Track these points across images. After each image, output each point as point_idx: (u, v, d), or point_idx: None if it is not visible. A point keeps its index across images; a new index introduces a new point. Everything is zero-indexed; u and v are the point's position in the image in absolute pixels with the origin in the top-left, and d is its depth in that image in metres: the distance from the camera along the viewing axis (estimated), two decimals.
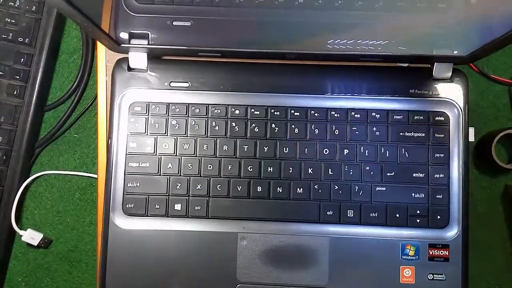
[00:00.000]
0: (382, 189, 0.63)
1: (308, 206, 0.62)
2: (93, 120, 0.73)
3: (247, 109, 0.63)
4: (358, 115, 0.63)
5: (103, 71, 0.65)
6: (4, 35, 0.70)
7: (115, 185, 0.63)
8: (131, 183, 0.63)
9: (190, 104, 0.63)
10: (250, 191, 0.63)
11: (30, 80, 0.71)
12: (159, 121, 0.63)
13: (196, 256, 0.62)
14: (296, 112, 0.63)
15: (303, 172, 0.63)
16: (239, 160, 0.63)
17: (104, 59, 0.65)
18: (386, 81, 0.64)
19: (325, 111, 0.63)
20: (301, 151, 0.63)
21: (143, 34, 0.60)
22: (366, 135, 0.63)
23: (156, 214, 0.63)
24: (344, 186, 0.63)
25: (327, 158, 0.63)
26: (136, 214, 0.63)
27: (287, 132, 0.63)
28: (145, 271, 0.62)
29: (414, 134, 0.63)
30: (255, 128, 0.63)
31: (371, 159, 0.63)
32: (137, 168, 0.63)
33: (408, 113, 0.63)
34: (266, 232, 0.62)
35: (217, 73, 0.64)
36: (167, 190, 0.63)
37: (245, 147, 0.63)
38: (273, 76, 0.64)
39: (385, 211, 0.62)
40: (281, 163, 0.63)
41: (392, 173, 0.63)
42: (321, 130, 0.63)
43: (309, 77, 0.64)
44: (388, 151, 0.63)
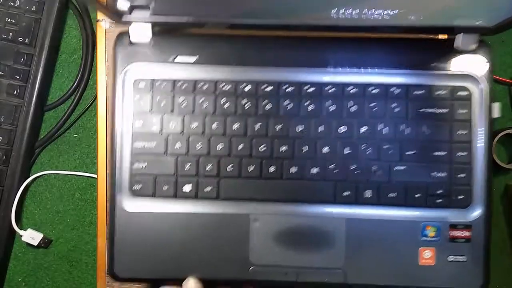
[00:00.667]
0: (401, 168, 0.59)
1: (323, 186, 0.60)
2: (93, 120, 0.73)
3: (258, 85, 0.60)
4: (376, 90, 0.60)
5: (103, 71, 0.64)
6: (4, 35, 0.70)
7: (120, 165, 0.60)
8: (138, 163, 0.60)
9: (197, 80, 0.60)
10: (262, 171, 0.60)
11: (30, 80, 0.70)
12: (165, 99, 0.60)
13: (207, 239, 0.59)
14: (310, 87, 0.60)
15: (318, 150, 0.60)
16: (250, 138, 0.60)
17: (104, 59, 0.65)
18: (405, 54, 0.61)
19: (341, 87, 0.60)
20: (315, 129, 0.60)
21: (145, 5, 0.56)
22: (385, 112, 0.60)
23: (164, 195, 0.60)
24: (362, 165, 0.59)
25: (343, 136, 0.60)
26: (143, 195, 0.60)
27: (300, 109, 0.60)
28: (154, 255, 0.59)
29: (436, 111, 0.59)
30: (267, 105, 0.60)
31: (390, 137, 0.59)
32: (143, 148, 0.60)
33: (429, 88, 0.59)
34: (279, 213, 0.59)
35: (225, 47, 0.61)
36: (175, 171, 0.60)
37: (256, 125, 0.60)
38: (285, 50, 0.61)
39: (404, 191, 0.59)
40: (295, 141, 0.60)
41: (412, 151, 0.59)
42: (337, 107, 0.60)
43: (324, 50, 0.61)
44: (408, 128, 0.59)
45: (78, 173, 0.72)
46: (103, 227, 0.63)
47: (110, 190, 0.60)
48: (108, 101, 0.62)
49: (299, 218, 0.60)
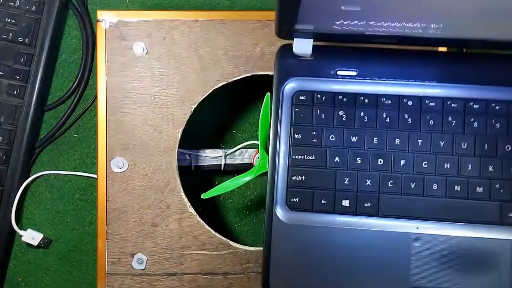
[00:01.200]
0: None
1: (488, 206, 0.57)
2: (93, 120, 0.73)
3: (421, 100, 0.58)
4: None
5: (103, 71, 0.64)
6: (4, 35, 0.70)
7: (277, 177, 0.59)
8: (296, 176, 0.59)
9: (358, 94, 0.59)
10: (425, 188, 0.58)
11: (30, 80, 0.71)
12: (325, 112, 0.59)
13: (364, 256, 0.58)
14: (475, 104, 0.58)
15: (483, 169, 0.57)
16: (412, 154, 0.58)
17: (104, 59, 0.65)
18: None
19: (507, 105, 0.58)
20: (481, 147, 0.58)
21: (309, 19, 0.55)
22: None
23: (322, 210, 0.58)
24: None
25: (510, 156, 0.57)
26: (300, 209, 0.59)
27: (465, 126, 0.58)
28: (309, 268, 0.58)
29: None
30: (430, 120, 0.58)
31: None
32: (301, 161, 0.59)
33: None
34: (442, 233, 0.57)
35: (387, 61, 0.60)
36: (334, 185, 0.58)
37: (419, 141, 0.58)
38: (452, 66, 0.59)
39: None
40: (459, 158, 0.58)
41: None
42: (502, 125, 0.57)
43: (493, 67, 0.60)
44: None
45: (78, 173, 0.72)
46: (103, 227, 0.63)
47: (269, 202, 0.59)
48: (272, 113, 0.61)
49: (462, 239, 0.57)
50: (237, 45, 0.64)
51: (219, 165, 0.69)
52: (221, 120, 0.75)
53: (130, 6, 0.73)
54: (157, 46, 0.64)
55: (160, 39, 0.64)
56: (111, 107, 0.63)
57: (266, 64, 0.63)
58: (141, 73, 0.64)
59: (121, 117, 0.63)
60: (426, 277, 0.57)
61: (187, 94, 0.63)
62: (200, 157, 0.70)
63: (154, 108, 0.63)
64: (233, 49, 0.64)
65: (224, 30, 0.64)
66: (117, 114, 0.63)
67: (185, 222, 0.64)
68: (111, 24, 0.64)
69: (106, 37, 0.64)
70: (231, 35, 0.64)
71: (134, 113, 0.64)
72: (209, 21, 0.64)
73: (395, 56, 0.60)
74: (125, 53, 0.64)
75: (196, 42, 0.64)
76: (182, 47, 0.64)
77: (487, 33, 0.55)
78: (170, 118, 0.63)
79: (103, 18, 0.64)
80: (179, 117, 0.63)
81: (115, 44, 0.64)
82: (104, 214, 0.63)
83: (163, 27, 0.64)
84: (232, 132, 0.75)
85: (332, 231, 0.58)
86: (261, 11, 0.65)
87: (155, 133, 0.63)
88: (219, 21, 0.64)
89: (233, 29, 0.64)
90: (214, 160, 0.69)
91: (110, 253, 0.63)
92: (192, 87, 0.63)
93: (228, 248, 0.64)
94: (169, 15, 0.64)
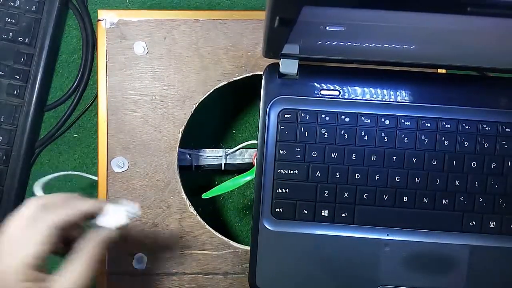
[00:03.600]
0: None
1: (451, 216, 0.63)
2: (93, 120, 0.73)
3: (398, 119, 0.63)
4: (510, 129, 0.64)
5: (103, 71, 0.64)
6: (4, 35, 0.70)
7: (263, 189, 0.63)
8: (280, 188, 0.63)
9: (339, 113, 0.63)
10: (396, 200, 0.63)
11: (30, 80, 0.70)
12: (309, 129, 0.63)
13: (340, 260, 0.63)
14: (447, 124, 0.63)
15: (449, 183, 0.63)
16: (386, 170, 0.63)
17: (105, 58, 0.65)
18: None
19: (476, 124, 0.63)
20: (448, 164, 0.63)
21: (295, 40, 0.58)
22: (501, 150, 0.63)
23: (303, 219, 0.63)
24: (488, 198, 0.63)
25: (473, 172, 0.63)
26: (284, 218, 0.63)
27: (436, 144, 0.63)
28: (290, 270, 0.63)
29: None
30: (404, 138, 0.63)
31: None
32: (286, 175, 0.63)
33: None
34: (409, 239, 0.63)
35: (368, 81, 0.64)
36: (315, 197, 0.63)
37: (393, 158, 0.63)
38: (432, 86, 0.64)
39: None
40: (428, 174, 0.63)
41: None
42: (470, 144, 0.63)
43: (464, 88, 0.64)
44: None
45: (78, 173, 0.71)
46: None
47: (256, 211, 0.63)
48: (259, 129, 0.63)
49: (427, 244, 0.63)
50: (238, 45, 0.64)
51: (220, 165, 0.70)
52: (222, 120, 0.75)
53: (130, 6, 0.73)
54: (157, 46, 0.64)
55: (160, 38, 0.64)
56: (112, 107, 0.64)
57: (267, 63, 0.64)
58: (141, 73, 0.64)
59: (121, 116, 0.64)
60: (394, 278, 0.64)
61: (187, 93, 0.64)
62: (201, 156, 0.70)
63: (154, 107, 0.64)
64: (234, 49, 0.64)
65: (225, 29, 0.64)
66: (117, 114, 0.64)
67: (186, 222, 0.64)
68: (112, 23, 0.64)
69: (106, 36, 0.64)
70: (232, 34, 0.64)
71: (135, 112, 0.64)
72: (210, 20, 0.64)
73: (376, 77, 0.64)
74: (125, 52, 0.64)
75: (197, 41, 0.64)
76: (183, 46, 0.64)
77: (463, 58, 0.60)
78: (170, 117, 0.64)
79: (103, 17, 0.64)
80: (180, 116, 0.64)
81: (116, 44, 0.64)
82: None
83: (164, 27, 0.64)
84: (232, 132, 0.75)
85: (312, 237, 0.64)
86: (262, 11, 0.65)
87: (156, 132, 0.64)
88: (220, 20, 0.64)
89: (234, 28, 0.64)
90: (214, 160, 0.70)
91: (110, 253, 0.63)
92: (192, 86, 0.64)
93: (228, 247, 0.64)
94: (170, 15, 0.64)
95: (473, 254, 0.63)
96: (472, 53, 0.57)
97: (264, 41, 0.53)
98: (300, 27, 0.47)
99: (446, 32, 0.50)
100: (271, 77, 0.63)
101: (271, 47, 0.56)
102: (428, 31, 0.50)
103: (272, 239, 0.63)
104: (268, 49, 0.56)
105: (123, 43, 0.64)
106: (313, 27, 0.49)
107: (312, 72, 0.64)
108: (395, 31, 0.50)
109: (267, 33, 0.49)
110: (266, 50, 0.56)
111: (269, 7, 0.41)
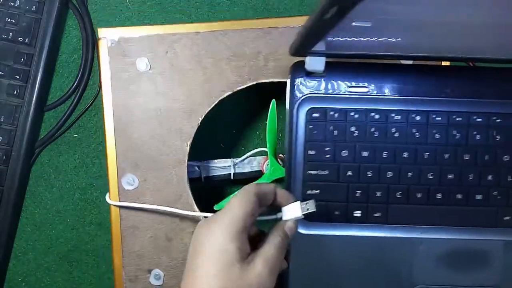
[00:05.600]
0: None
1: (486, 211, 0.62)
2: (93, 120, 0.73)
3: (428, 115, 0.62)
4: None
5: (108, 89, 0.64)
6: (4, 35, 0.70)
7: (294, 191, 0.61)
8: (311, 190, 0.62)
9: (369, 110, 0.62)
10: (429, 197, 0.62)
11: (30, 80, 0.70)
12: (338, 128, 0.62)
13: (374, 260, 0.62)
14: (478, 118, 0.62)
15: (482, 178, 0.62)
16: (419, 167, 0.62)
17: (109, 76, 0.64)
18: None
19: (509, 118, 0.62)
20: (481, 158, 0.62)
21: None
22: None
23: (336, 220, 0.62)
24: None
25: (508, 165, 0.62)
26: (316, 220, 0.62)
27: (468, 139, 0.62)
28: (325, 275, 0.62)
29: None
30: (435, 134, 0.62)
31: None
32: (316, 176, 0.62)
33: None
34: (443, 237, 0.62)
35: (397, 77, 0.62)
36: (346, 197, 0.62)
37: (425, 154, 0.62)
38: (463, 82, 0.63)
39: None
40: (461, 169, 0.62)
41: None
42: (501, 138, 0.62)
43: (498, 80, 0.63)
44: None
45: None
46: (118, 244, 0.64)
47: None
48: (287, 130, 0.62)
49: (462, 241, 0.62)
50: (239, 55, 0.64)
51: (229, 174, 0.70)
52: (228, 130, 0.75)
53: (130, 6, 0.73)
54: (160, 61, 0.64)
55: (162, 53, 0.64)
56: (118, 124, 0.64)
57: (270, 71, 0.64)
58: (145, 89, 0.64)
59: (128, 134, 0.64)
60: (428, 276, 0.62)
61: (193, 106, 0.64)
62: (210, 168, 0.70)
63: (161, 122, 0.64)
64: (236, 59, 0.64)
65: (225, 40, 0.64)
66: (124, 131, 0.64)
67: None
68: (113, 41, 0.64)
69: (109, 54, 0.64)
70: (233, 45, 0.65)
71: (142, 129, 0.64)
72: (211, 32, 0.64)
73: (404, 72, 0.63)
74: (128, 69, 0.64)
75: (199, 54, 0.64)
76: (185, 60, 0.64)
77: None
78: (177, 131, 0.64)
79: (104, 36, 0.64)
80: (187, 130, 0.64)
81: (118, 61, 0.64)
82: (119, 232, 0.64)
83: (165, 41, 0.64)
84: (239, 141, 0.75)
85: (345, 239, 0.62)
86: (262, 19, 0.66)
87: (164, 147, 0.64)
88: (221, 31, 0.64)
89: (235, 38, 0.65)
90: (223, 170, 0.70)
91: (127, 271, 0.64)
92: (197, 99, 0.64)
93: None
94: (170, 29, 0.64)
95: (508, 249, 0.62)
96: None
97: (300, 37, 0.51)
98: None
99: (476, 23, 0.48)
100: (297, 76, 0.62)
101: (305, 44, 0.54)
102: (460, 23, 0.48)
103: (304, 242, 0.62)
104: (301, 47, 0.54)
105: (126, 60, 0.64)
106: (340, 23, 0.47)
107: (339, 69, 0.62)
108: (424, 23, 0.49)
109: (310, 28, 0.46)
110: (297, 48, 0.55)
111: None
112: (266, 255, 0.51)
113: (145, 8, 0.73)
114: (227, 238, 0.49)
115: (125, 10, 0.73)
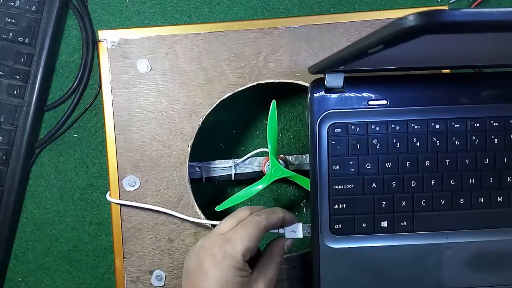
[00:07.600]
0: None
1: (508, 212, 0.64)
2: (93, 120, 0.73)
3: (447, 122, 0.63)
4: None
5: (108, 90, 0.64)
6: (4, 35, 0.69)
7: (321, 207, 0.63)
8: (337, 204, 0.63)
9: (389, 122, 0.63)
10: (453, 203, 0.63)
11: (30, 80, 0.70)
12: (360, 141, 0.62)
13: (404, 269, 0.63)
14: (495, 122, 0.63)
15: (502, 181, 0.63)
16: (441, 174, 0.63)
17: (109, 78, 0.64)
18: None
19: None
20: (500, 161, 0.63)
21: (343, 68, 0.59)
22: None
23: (363, 232, 0.63)
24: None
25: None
26: (344, 234, 0.63)
27: (487, 143, 0.63)
28: (355, 285, 0.64)
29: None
30: (455, 141, 0.63)
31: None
32: (341, 190, 0.63)
33: None
34: (469, 240, 0.63)
35: (415, 87, 0.63)
36: (373, 209, 0.63)
37: (447, 161, 0.63)
38: (477, 88, 0.63)
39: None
40: (481, 174, 0.63)
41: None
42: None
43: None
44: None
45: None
46: (119, 246, 0.64)
47: (314, 230, 0.63)
48: (310, 146, 0.63)
49: (487, 243, 0.64)
50: (240, 55, 0.65)
51: (230, 175, 0.70)
52: (229, 130, 0.75)
53: (130, 6, 0.73)
54: (160, 62, 0.64)
55: (163, 54, 0.64)
56: (119, 126, 0.64)
57: (270, 72, 0.65)
58: (146, 90, 0.64)
59: (129, 135, 0.64)
60: (459, 280, 0.64)
61: (194, 107, 0.64)
62: (210, 168, 0.70)
63: (162, 124, 0.64)
64: (236, 59, 0.65)
65: (226, 41, 0.64)
66: (125, 133, 0.64)
67: (201, 235, 0.65)
68: (113, 43, 0.64)
69: (109, 56, 0.64)
70: (233, 45, 0.65)
71: (143, 130, 0.64)
72: (211, 33, 0.65)
73: (423, 82, 0.63)
74: (129, 71, 0.64)
75: (199, 55, 0.64)
76: (186, 61, 0.64)
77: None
78: (178, 132, 0.64)
79: (104, 38, 0.64)
80: (188, 131, 0.64)
81: (119, 63, 0.64)
82: (120, 233, 0.64)
83: (165, 43, 0.64)
84: (240, 141, 0.75)
85: (374, 250, 0.64)
86: (262, 20, 0.66)
87: (165, 148, 0.64)
88: (221, 32, 0.65)
89: (235, 39, 0.65)
90: (224, 170, 0.70)
91: (128, 272, 0.65)
92: (198, 100, 0.64)
93: None
94: (171, 30, 0.65)
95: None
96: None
97: (331, 62, 0.52)
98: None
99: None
100: (317, 93, 0.62)
101: (333, 67, 0.56)
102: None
103: (333, 256, 0.63)
104: (328, 69, 0.57)
105: (126, 62, 0.64)
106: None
107: (357, 83, 0.63)
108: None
109: (346, 57, 0.47)
110: (322, 68, 0.57)
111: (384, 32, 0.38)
112: (269, 276, 0.55)
113: (145, 8, 0.73)
114: (231, 272, 0.52)
115: (125, 10, 0.73)
